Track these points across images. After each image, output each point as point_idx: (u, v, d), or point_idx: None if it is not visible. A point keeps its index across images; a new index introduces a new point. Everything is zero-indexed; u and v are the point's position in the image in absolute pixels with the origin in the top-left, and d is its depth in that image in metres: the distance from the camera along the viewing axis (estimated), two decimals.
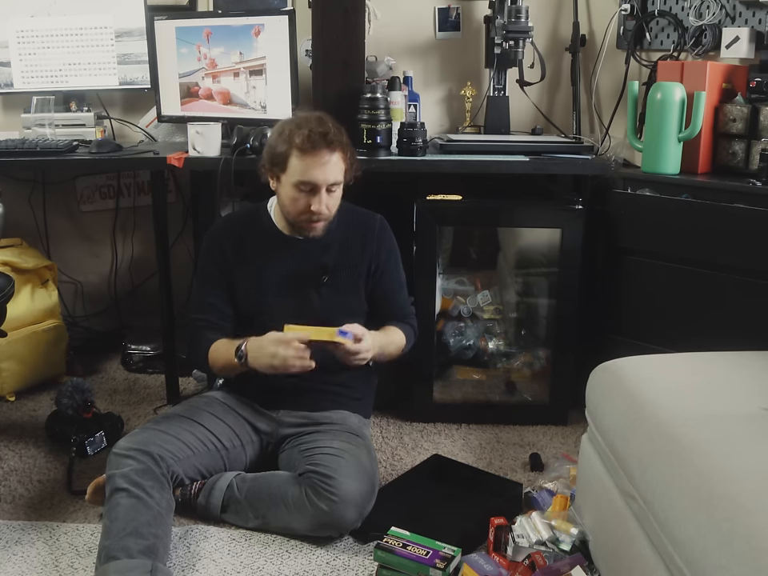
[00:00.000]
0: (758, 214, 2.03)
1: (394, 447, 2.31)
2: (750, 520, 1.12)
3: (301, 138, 1.81)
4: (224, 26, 2.55)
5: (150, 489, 1.70)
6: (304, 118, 1.88)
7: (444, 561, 1.61)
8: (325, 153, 1.82)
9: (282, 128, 1.87)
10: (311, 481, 1.79)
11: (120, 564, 1.57)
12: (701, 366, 1.70)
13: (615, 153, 2.57)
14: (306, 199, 1.86)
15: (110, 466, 1.75)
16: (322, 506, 1.75)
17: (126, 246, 3.10)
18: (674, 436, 1.39)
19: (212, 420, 1.93)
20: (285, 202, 1.91)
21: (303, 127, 1.82)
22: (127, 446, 1.77)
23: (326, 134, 1.81)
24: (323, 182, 1.84)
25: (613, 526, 1.56)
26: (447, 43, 2.85)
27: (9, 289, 1.99)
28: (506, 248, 2.66)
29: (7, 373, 2.55)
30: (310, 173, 1.83)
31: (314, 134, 1.81)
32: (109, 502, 1.69)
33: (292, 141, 1.82)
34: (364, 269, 2.03)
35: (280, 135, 1.86)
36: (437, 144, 2.51)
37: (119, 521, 1.64)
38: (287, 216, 1.94)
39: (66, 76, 2.73)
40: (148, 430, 1.84)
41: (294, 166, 1.84)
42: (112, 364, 2.92)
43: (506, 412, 2.51)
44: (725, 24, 2.42)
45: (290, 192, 1.87)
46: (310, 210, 1.87)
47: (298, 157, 1.82)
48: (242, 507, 1.86)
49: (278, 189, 1.92)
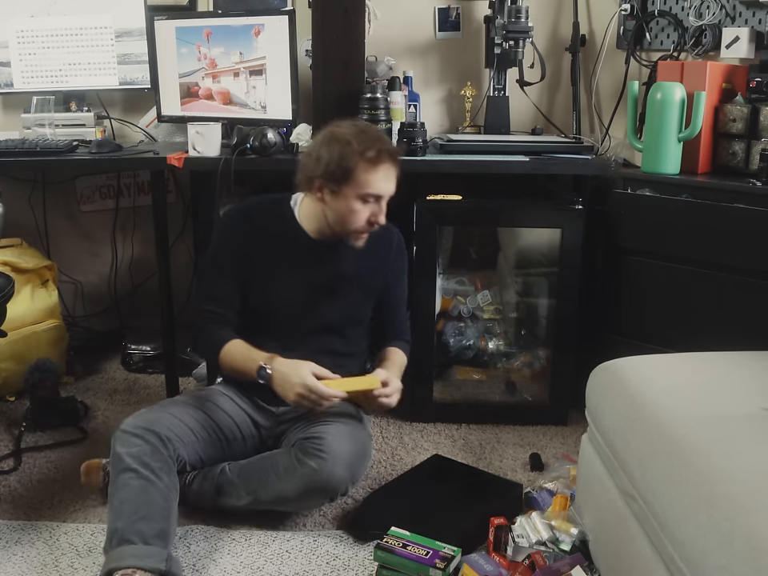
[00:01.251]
0: (758, 214, 2.03)
1: (393, 447, 2.31)
2: (749, 520, 1.12)
3: (373, 153, 1.81)
4: (224, 25, 2.55)
5: (158, 470, 1.70)
6: (362, 129, 1.87)
7: (444, 561, 1.61)
8: (390, 166, 1.85)
9: (346, 141, 1.82)
10: (301, 444, 1.84)
11: (136, 549, 1.59)
12: (701, 365, 1.70)
13: (615, 153, 2.57)
14: (368, 210, 1.86)
15: (117, 442, 1.74)
16: (310, 464, 1.78)
17: (126, 246, 3.10)
18: (673, 436, 1.39)
19: (215, 410, 1.93)
20: (342, 213, 1.87)
21: (370, 141, 1.82)
22: (136, 425, 1.75)
23: (392, 149, 1.86)
24: (388, 193, 1.87)
25: (613, 526, 1.56)
26: (447, 43, 2.85)
27: (9, 289, 1.99)
28: (506, 248, 2.66)
29: (7, 373, 2.55)
30: (379, 185, 1.84)
31: (384, 148, 1.83)
32: (116, 480, 1.69)
33: (363, 155, 1.80)
34: (376, 281, 2.04)
35: (343, 148, 1.81)
36: (437, 144, 2.51)
37: (130, 503, 1.65)
38: (337, 228, 1.90)
39: (65, 76, 2.73)
40: (156, 411, 1.84)
41: (362, 178, 1.82)
42: (112, 364, 2.92)
43: (506, 412, 2.51)
44: (725, 24, 2.42)
45: (352, 204, 1.85)
46: (369, 221, 1.88)
47: (368, 170, 1.82)
48: (235, 486, 1.88)
49: (331, 201, 1.87)
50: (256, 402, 2.00)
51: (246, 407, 1.99)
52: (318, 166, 1.84)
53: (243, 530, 1.87)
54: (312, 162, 1.85)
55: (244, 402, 2.00)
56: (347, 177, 1.82)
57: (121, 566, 1.57)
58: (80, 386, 2.71)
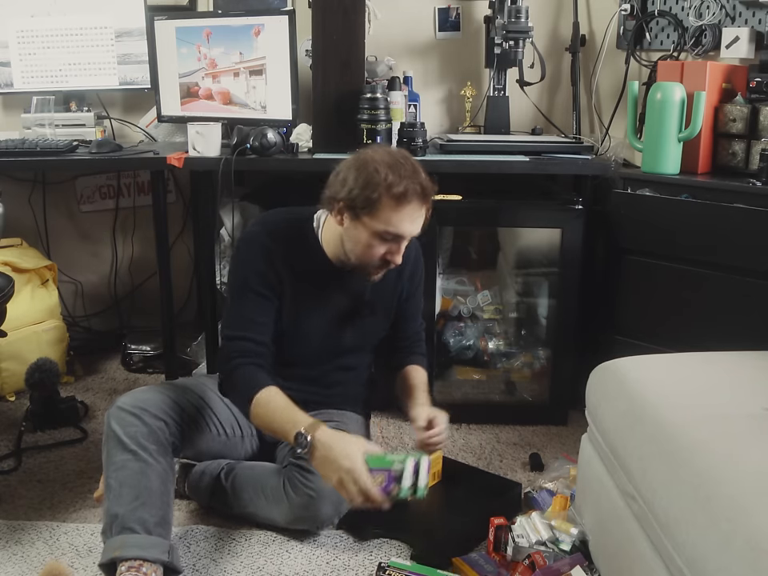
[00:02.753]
0: (758, 214, 2.03)
1: (393, 447, 2.31)
2: (750, 520, 1.12)
3: (401, 189, 1.66)
4: (224, 26, 2.55)
5: (155, 453, 1.65)
6: (396, 160, 1.71)
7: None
8: (418, 207, 1.71)
9: (374, 168, 1.68)
10: (290, 473, 1.80)
11: (139, 539, 1.57)
12: (701, 365, 1.70)
13: (615, 153, 2.57)
14: (384, 248, 1.74)
15: (112, 419, 1.67)
16: (299, 500, 1.77)
17: (126, 246, 3.10)
18: (673, 436, 1.39)
19: (218, 404, 1.88)
20: (356, 245, 1.76)
21: (401, 175, 1.67)
22: (133, 404, 1.69)
23: (424, 187, 1.69)
24: (410, 234, 1.74)
25: (613, 526, 1.56)
26: (447, 43, 2.85)
27: (9, 289, 1.99)
28: (506, 248, 2.66)
29: (7, 373, 2.55)
30: (402, 225, 1.70)
31: (415, 185, 1.68)
32: (113, 460, 1.65)
33: (390, 189, 1.66)
34: (396, 295, 1.99)
35: (371, 176, 1.68)
36: (437, 144, 2.51)
37: (129, 487, 1.61)
38: (352, 257, 1.79)
39: (65, 76, 2.73)
40: (155, 392, 1.75)
41: (385, 214, 1.68)
42: (112, 364, 2.92)
43: (506, 412, 2.51)
44: (725, 24, 2.42)
45: (368, 238, 1.72)
46: (384, 259, 1.76)
47: (392, 207, 1.68)
48: (227, 496, 1.87)
49: (350, 228, 1.75)
50: None
51: None
52: (343, 188, 1.71)
53: (243, 530, 1.87)
54: (338, 183, 1.73)
55: None
56: (369, 208, 1.69)
57: (126, 556, 1.55)
58: (80, 386, 2.71)
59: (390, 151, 1.76)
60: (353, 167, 1.72)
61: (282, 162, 2.39)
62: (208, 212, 2.65)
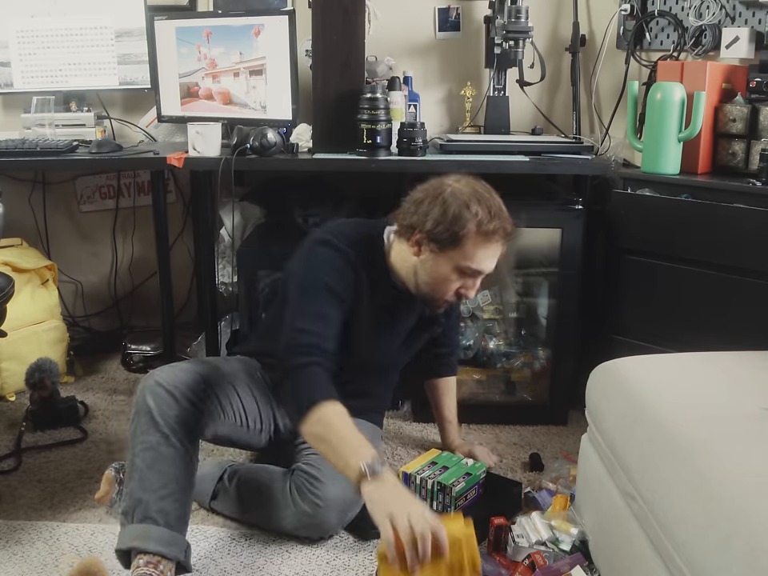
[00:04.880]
0: (758, 214, 2.03)
1: (393, 447, 2.31)
2: (749, 520, 1.12)
3: (491, 228, 1.65)
4: (224, 26, 2.55)
5: (185, 441, 1.62)
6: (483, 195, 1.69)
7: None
8: (503, 245, 1.71)
9: (465, 204, 1.65)
10: (298, 480, 1.79)
11: (162, 533, 1.55)
12: (701, 365, 1.70)
13: (615, 153, 2.57)
14: (460, 283, 1.73)
15: (148, 394, 1.63)
16: (305, 508, 1.76)
17: (126, 246, 3.10)
18: (673, 436, 1.38)
19: (247, 394, 1.85)
20: (433, 277, 1.73)
21: (491, 214, 1.66)
22: (173, 383, 1.64)
23: (509, 229, 1.70)
24: (488, 271, 1.73)
25: (613, 526, 1.56)
26: (447, 43, 2.85)
27: (9, 289, 1.98)
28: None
29: (7, 373, 2.55)
30: (484, 263, 1.70)
31: (504, 225, 1.68)
32: (142, 438, 1.60)
33: (480, 227, 1.64)
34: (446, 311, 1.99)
35: (461, 212, 1.64)
36: (437, 144, 2.51)
37: (158, 473, 1.58)
38: (425, 288, 1.76)
39: (66, 76, 2.73)
40: (193, 373, 1.70)
41: (469, 250, 1.66)
42: (112, 364, 2.92)
43: (506, 412, 2.51)
44: (725, 24, 2.42)
45: (447, 271, 1.70)
46: (458, 294, 1.75)
47: (478, 245, 1.66)
48: (230, 499, 1.87)
49: (428, 260, 1.71)
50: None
51: (274, 404, 1.92)
52: (426, 220, 1.67)
53: (243, 530, 1.87)
54: (420, 214, 1.68)
55: (274, 397, 1.91)
56: (454, 243, 1.66)
57: (147, 549, 1.53)
58: (80, 386, 2.71)
59: (473, 184, 1.72)
60: (437, 198, 1.67)
61: (282, 162, 2.39)
62: (208, 212, 2.66)
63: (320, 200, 2.56)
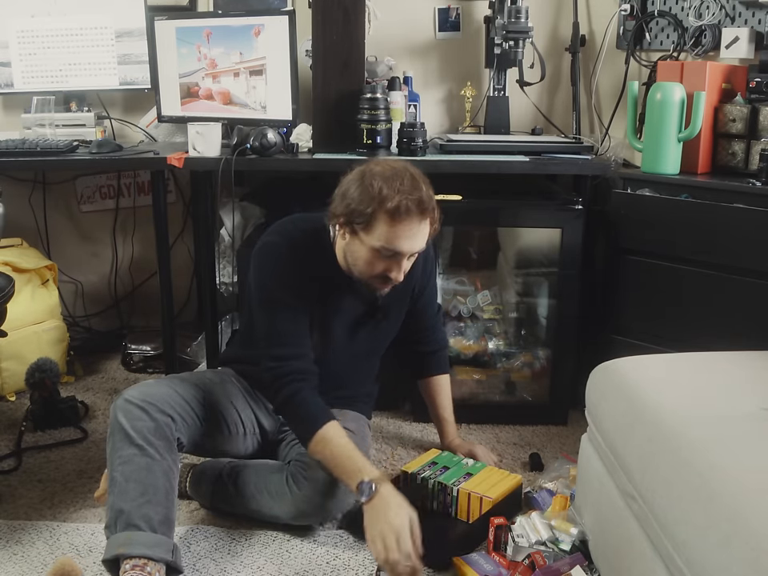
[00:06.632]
0: (758, 214, 2.03)
1: (393, 447, 2.31)
2: (749, 520, 1.12)
3: (394, 204, 1.61)
4: (224, 26, 2.55)
5: (161, 449, 1.64)
6: (394, 173, 1.66)
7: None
8: (416, 222, 1.65)
9: (369, 182, 1.64)
10: (293, 469, 1.80)
11: (145, 537, 1.56)
12: (701, 365, 1.70)
13: (615, 153, 2.57)
14: (384, 264, 1.71)
15: (119, 411, 1.66)
16: (301, 493, 1.77)
17: (126, 246, 3.10)
18: (673, 436, 1.39)
19: (223, 399, 1.88)
20: (357, 260, 1.75)
21: (395, 189, 1.62)
22: (141, 398, 1.67)
23: (420, 201, 1.63)
24: (409, 251, 1.69)
25: (613, 526, 1.56)
26: (447, 43, 2.85)
27: (9, 289, 1.99)
28: (506, 248, 2.66)
29: (7, 373, 2.55)
30: (398, 242, 1.66)
31: (409, 201, 1.62)
32: (119, 454, 1.63)
33: (383, 204, 1.61)
34: (409, 293, 2.00)
35: (366, 190, 1.64)
36: (437, 144, 2.51)
37: (135, 482, 1.60)
38: (355, 272, 1.78)
39: (66, 76, 2.73)
40: (163, 386, 1.74)
41: (380, 230, 1.65)
42: (112, 364, 2.92)
43: (506, 412, 2.51)
44: (724, 24, 2.42)
45: (367, 254, 1.70)
46: (384, 275, 1.74)
47: (387, 222, 1.63)
48: (230, 494, 1.87)
49: (351, 244, 1.73)
50: (264, 403, 1.98)
51: (254, 405, 1.96)
52: (342, 203, 1.69)
53: (243, 530, 1.87)
54: (338, 197, 1.71)
55: (252, 400, 1.96)
56: (364, 224, 1.66)
57: (131, 553, 1.54)
58: (80, 386, 2.71)
59: (392, 164, 1.70)
60: (353, 181, 1.69)
61: (282, 162, 2.39)
62: (208, 212, 2.66)
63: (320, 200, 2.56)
